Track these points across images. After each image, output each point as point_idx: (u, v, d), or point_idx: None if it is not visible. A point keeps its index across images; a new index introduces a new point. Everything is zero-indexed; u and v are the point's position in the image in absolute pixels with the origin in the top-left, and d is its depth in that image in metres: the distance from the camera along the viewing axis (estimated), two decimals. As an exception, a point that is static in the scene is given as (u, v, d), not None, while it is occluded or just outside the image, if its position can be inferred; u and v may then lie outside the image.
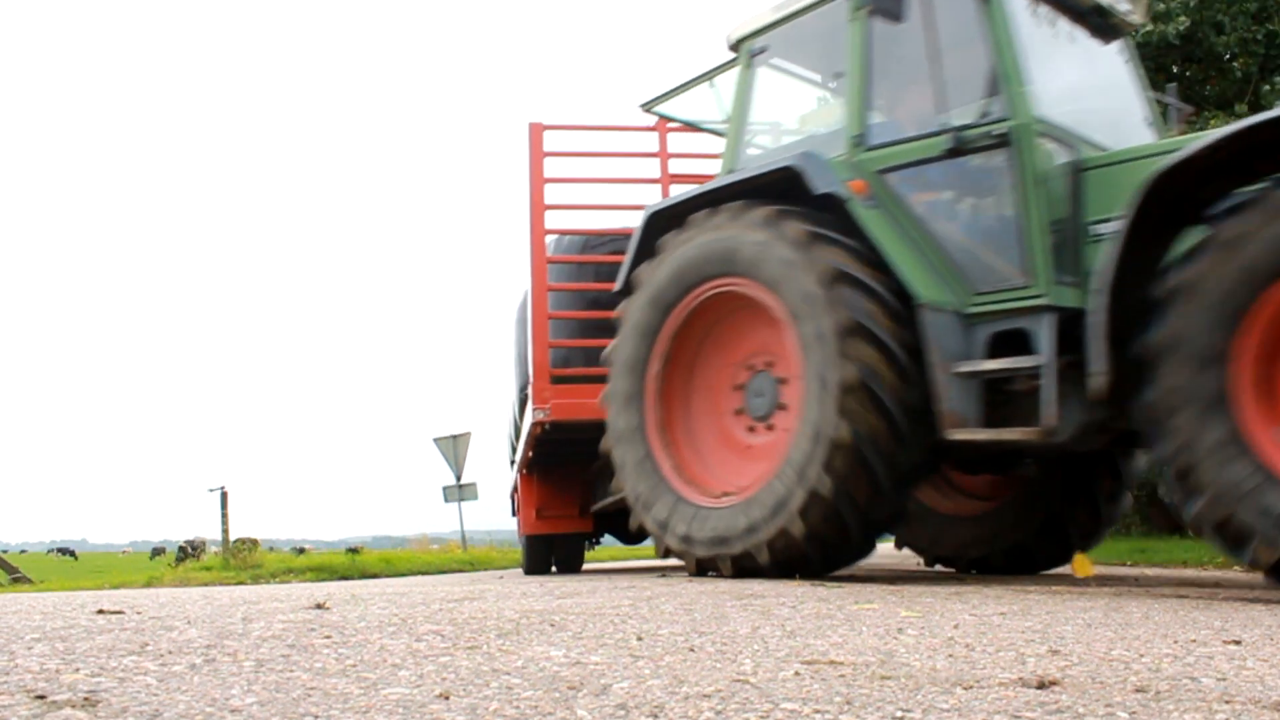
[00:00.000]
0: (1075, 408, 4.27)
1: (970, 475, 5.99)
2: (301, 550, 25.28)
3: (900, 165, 4.73)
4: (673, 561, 7.38)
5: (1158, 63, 10.92)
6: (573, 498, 8.21)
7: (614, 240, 7.03)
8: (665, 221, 5.36)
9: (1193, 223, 4.02)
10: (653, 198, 6.93)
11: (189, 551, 16.92)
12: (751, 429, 5.05)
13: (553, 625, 2.57)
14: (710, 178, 9.12)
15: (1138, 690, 1.68)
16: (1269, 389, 3.61)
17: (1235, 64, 11.33)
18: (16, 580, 14.95)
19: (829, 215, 4.71)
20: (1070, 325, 4.23)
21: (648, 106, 6.72)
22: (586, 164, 7.19)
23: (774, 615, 2.84)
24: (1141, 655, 2.09)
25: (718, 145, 6.63)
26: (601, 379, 5.74)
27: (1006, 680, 1.76)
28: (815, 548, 4.46)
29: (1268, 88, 10.95)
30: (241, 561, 11.65)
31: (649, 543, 11.24)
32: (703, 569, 4.86)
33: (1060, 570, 5.93)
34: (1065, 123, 4.54)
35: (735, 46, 5.66)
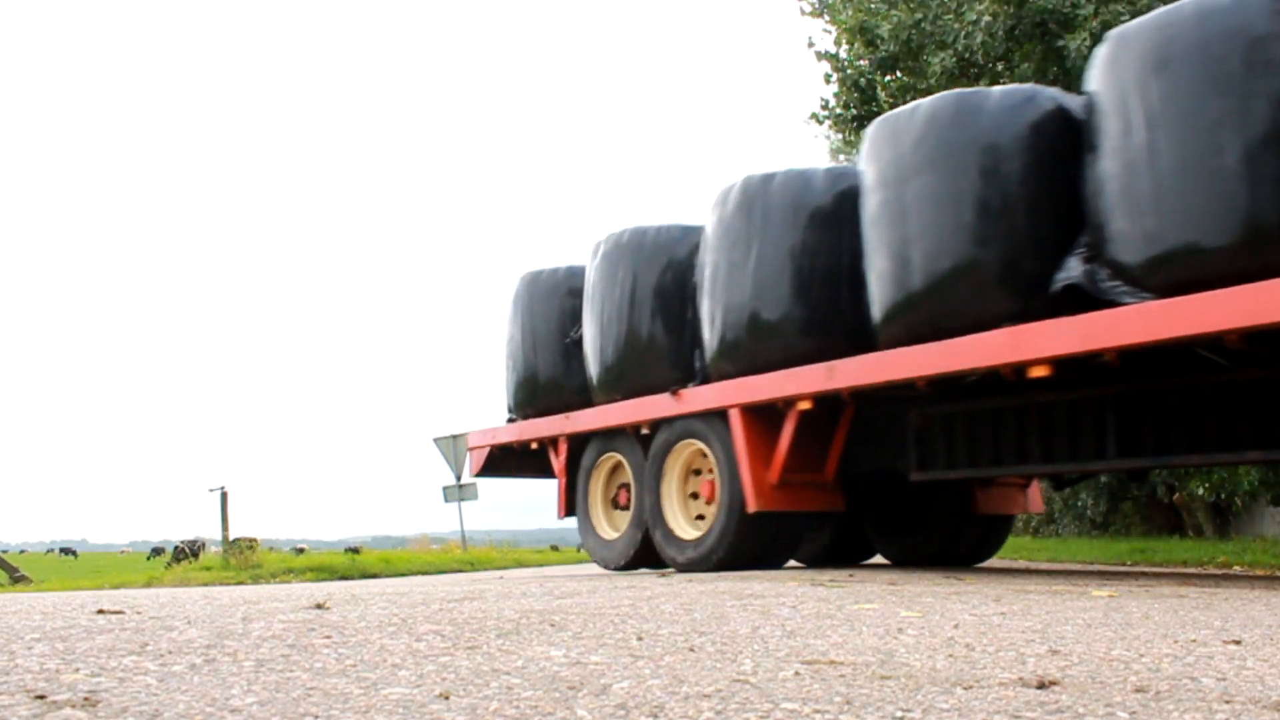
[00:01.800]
0: None
1: None
2: (301, 550, 25.26)
3: None
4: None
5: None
6: (821, 459, 5.74)
7: None
8: None
9: None
10: None
11: (185, 552, 16.87)
12: None
13: (553, 625, 2.57)
14: None
15: (1138, 690, 1.68)
16: None
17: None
18: (17, 580, 14.96)
19: None
20: None
21: None
22: None
23: (774, 615, 2.84)
24: (1141, 655, 2.09)
25: None
26: None
27: (1006, 680, 1.76)
28: None
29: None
30: (241, 561, 11.64)
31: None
32: None
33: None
34: None
35: None
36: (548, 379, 7.36)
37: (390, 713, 1.46)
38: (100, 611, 2.89)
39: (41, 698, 1.52)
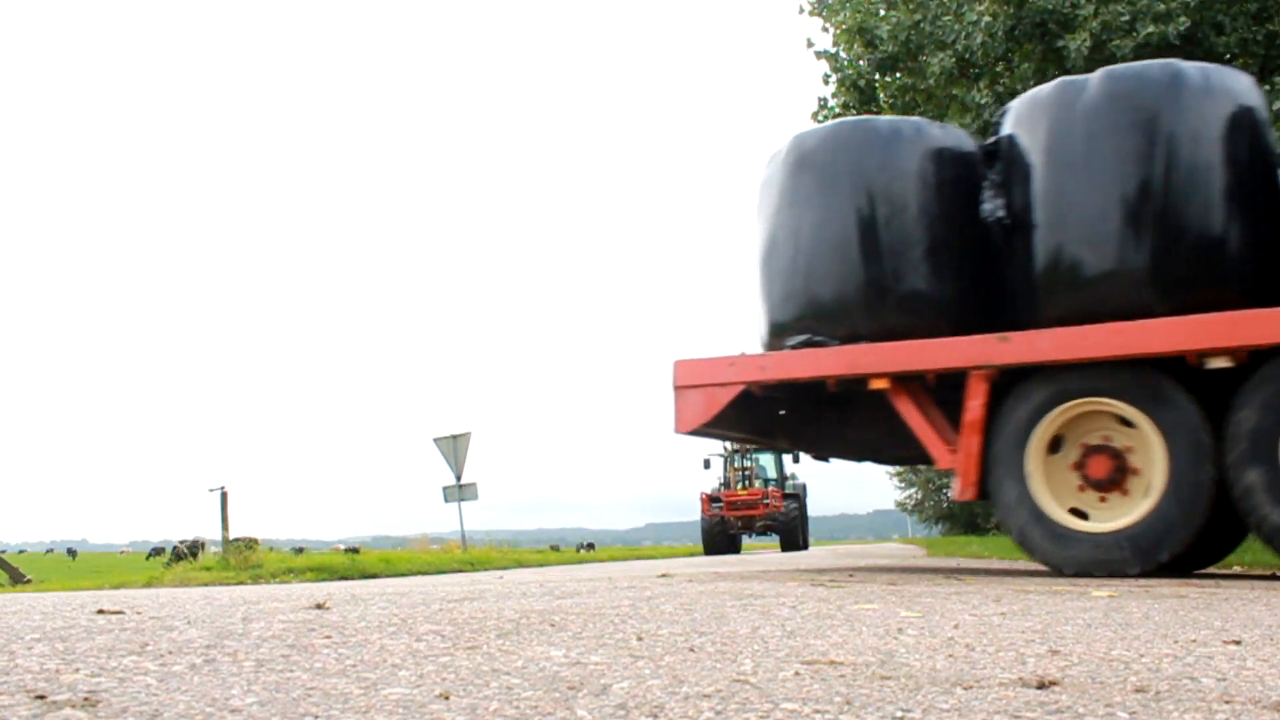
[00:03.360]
0: None
1: None
2: (300, 550, 25.25)
3: None
4: (675, 563, 6.98)
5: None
6: None
7: None
8: None
9: None
10: None
11: (185, 553, 16.82)
12: None
13: (553, 625, 2.57)
14: None
15: (1138, 690, 1.68)
16: None
17: (1236, 64, 11.35)
18: (18, 581, 14.96)
19: None
20: None
21: None
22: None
23: (774, 615, 2.84)
24: (1141, 655, 2.09)
25: None
26: None
27: (1006, 680, 1.76)
28: None
29: (1268, 88, 10.96)
30: (241, 561, 11.64)
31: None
32: None
33: None
34: None
35: None
36: (903, 287, 5.14)
37: (390, 713, 1.46)
38: (100, 611, 2.89)
39: (41, 698, 1.52)
